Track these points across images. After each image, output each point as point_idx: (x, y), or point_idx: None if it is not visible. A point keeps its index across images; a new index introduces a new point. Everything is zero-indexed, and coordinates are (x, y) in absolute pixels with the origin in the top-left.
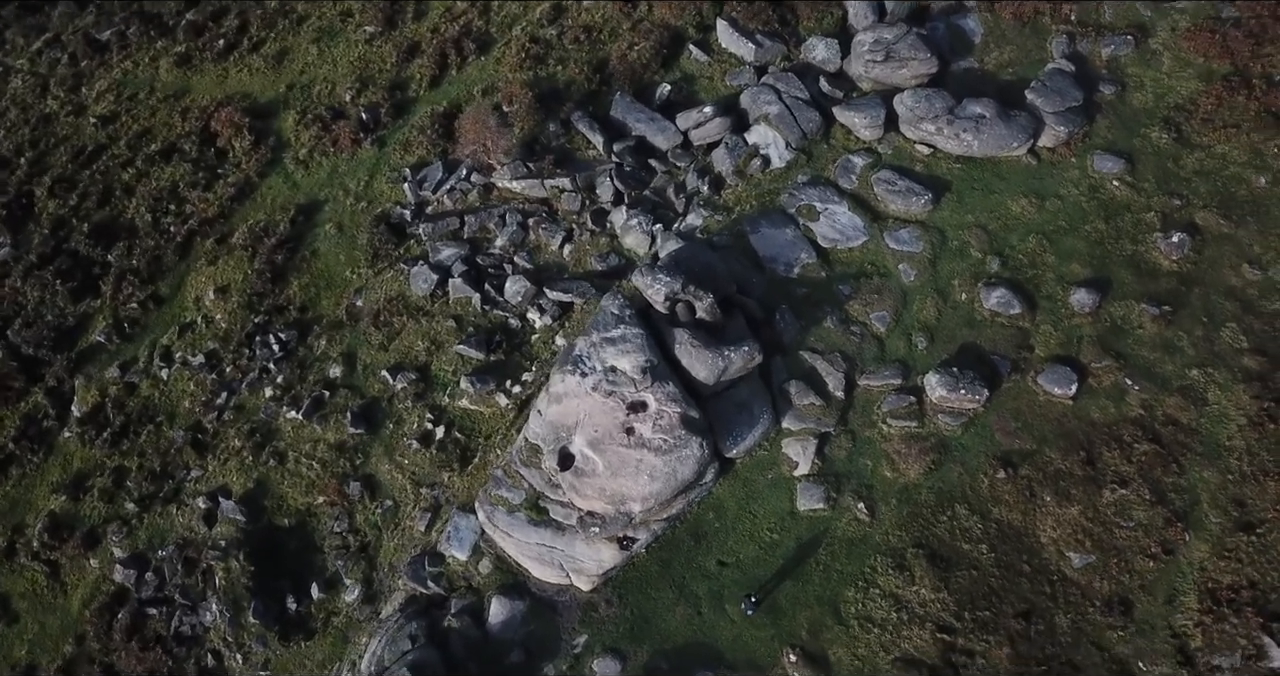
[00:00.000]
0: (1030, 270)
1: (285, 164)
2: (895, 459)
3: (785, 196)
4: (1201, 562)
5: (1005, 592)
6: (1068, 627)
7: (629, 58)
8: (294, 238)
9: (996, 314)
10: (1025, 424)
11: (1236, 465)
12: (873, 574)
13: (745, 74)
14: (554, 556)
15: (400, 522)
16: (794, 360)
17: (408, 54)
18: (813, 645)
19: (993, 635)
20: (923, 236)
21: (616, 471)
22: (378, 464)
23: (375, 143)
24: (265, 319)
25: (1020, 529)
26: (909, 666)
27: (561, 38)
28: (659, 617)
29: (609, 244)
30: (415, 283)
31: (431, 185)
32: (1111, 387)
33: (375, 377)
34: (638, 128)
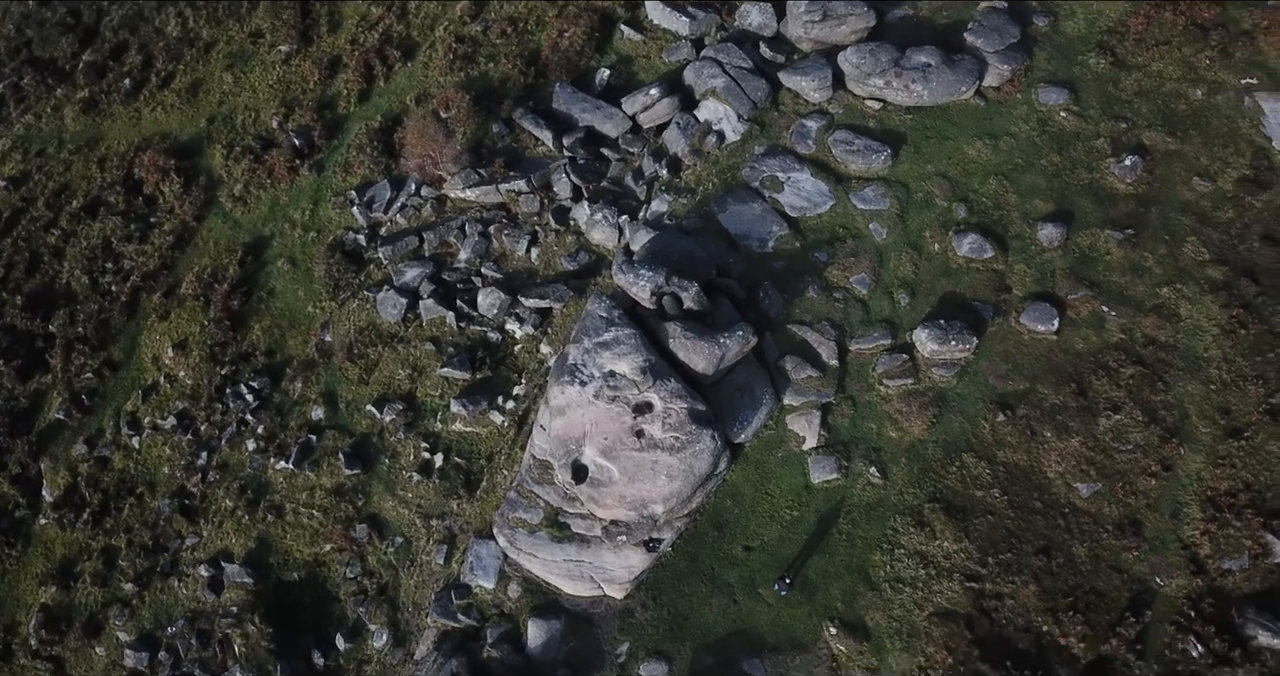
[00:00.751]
0: (996, 212)
1: (221, 203)
2: (897, 418)
3: (746, 170)
4: (1199, 473)
5: (1022, 532)
6: (1085, 556)
7: (561, 46)
8: (246, 279)
9: (971, 260)
10: (1015, 365)
11: (1217, 374)
12: (895, 535)
13: (682, 48)
14: (583, 570)
15: (416, 559)
16: (784, 335)
17: (330, 69)
18: (849, 614)
19: (1017, 575)
20: (887, 193)
21: (633, 476)
22: (380, 502)
23: (313, 168)
24: (232, 369)
25: (1027, 468)
26: (945, 619)
27: (487, 33)
28: (696, 612)
29: (576, 242)
30: (384, 309)
31: (381, 205)
32: (1090, 317)
33: (361, 414)
34: (584, 118)
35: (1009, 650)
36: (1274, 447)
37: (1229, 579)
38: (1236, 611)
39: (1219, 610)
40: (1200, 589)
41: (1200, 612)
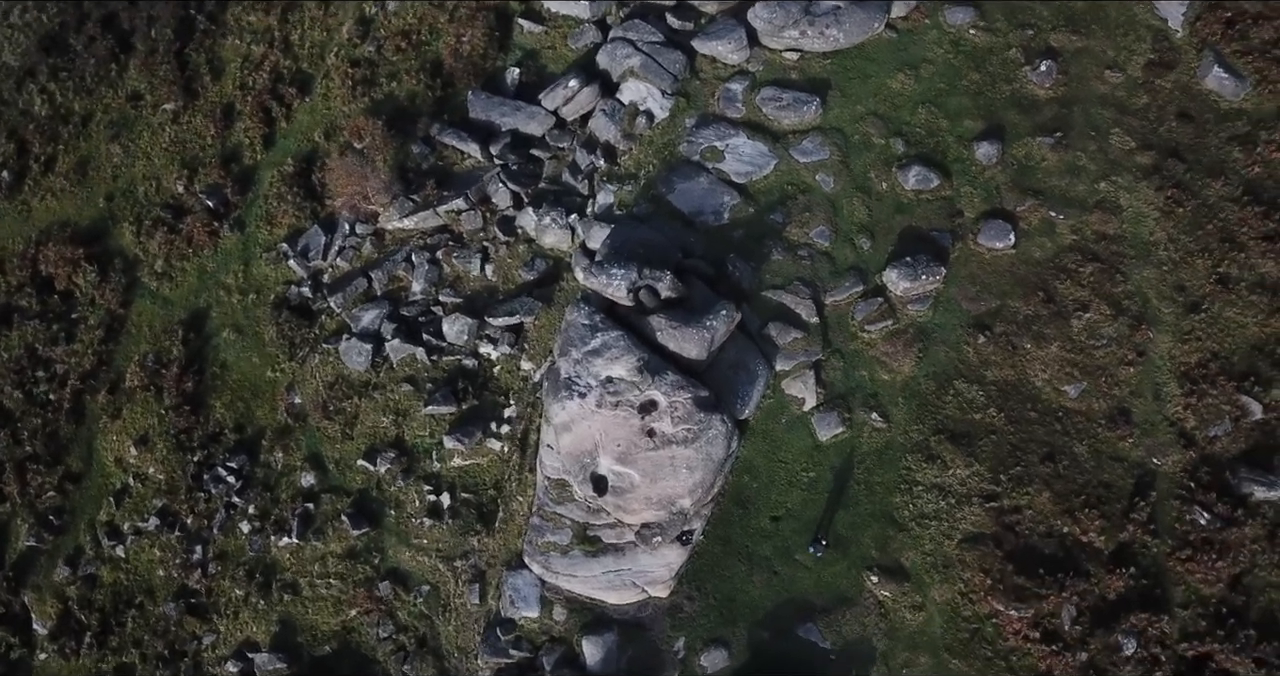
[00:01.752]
0: (931, 140)
1: (145, 283)
2: (886, 361)
3: (684, 145)
4: (1170, 352)
5: (1025, 444)
6: (1087, 453)
7: (462, 52)
8: (193, 358)
9: (919, 192)
10: (983, 285)
11: (1166, 255)
12: (910, 473)
13: (587, 33)
14: (623, 578)
15: (449, 603)
16: (760, 303)
17: (225, 120)
18: (885, 559)
19: (1030, 486)
20: (825, 141)
21: (654, 476)
22: (397, 555)
23: (234, 227)
24: (204, 454)
25: (1015, 382)
26: (974, 543)
27: (382, 51)
28: (741, 592)
29: (529, 250)
30: (349, 359)
31: (318, 252)
32: (1041, 224)
33: (353, 470)
34: (505, 122)
35: (1038, 557)
36: (1231, 314)
37: (1217, 445)
38: (1230, 474)
39: (1215, 476)
40: (1194, 460)
41: (1199, 482)
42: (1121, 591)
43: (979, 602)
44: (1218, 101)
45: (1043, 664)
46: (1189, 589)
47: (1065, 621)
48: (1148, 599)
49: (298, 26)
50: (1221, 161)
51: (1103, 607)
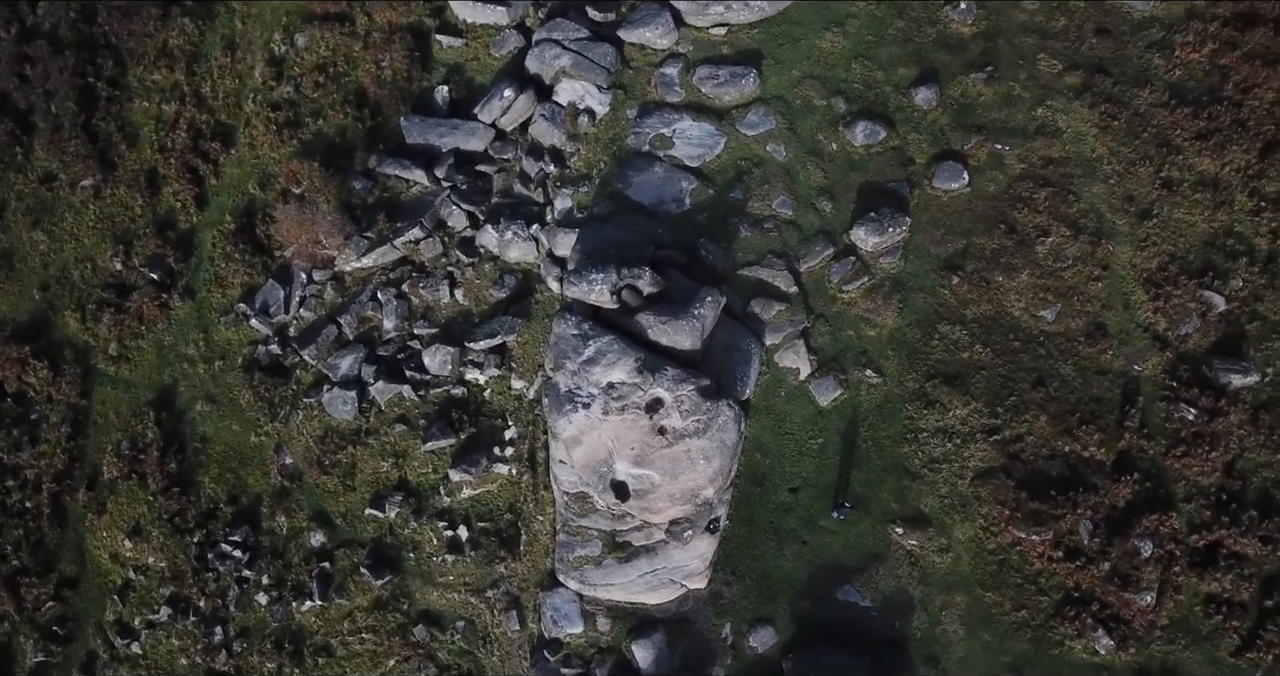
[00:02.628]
0: (870, 93)
1: (102, 370)
2: (869, 317)
3: (631, 138)
4: (1131, 261)
5: (1014, 373)
6: (1073, 372)
7: (384, 77)
8: (171, 437)
9: (869, 146)
10: (947, 227)
11: (1110, 169)
12: (913, 422)
13: (509, 38)
14: (660, 577)
15: (489, 635)
16: (739, 282)
17: (150, 187)
18: (905, 510)
19: (1027, 413)
20: (769, 112)
21: (674, 473)
22: (426, 596)
23: (184, 295)
24: (203, 533)
25: (994, 315)
26: (985, 478)
27: (300, 90)
28: (775, 568)
29: (496, 268)
30: (334, 409)
31: (278, 307)
32: (990, 159)
33: (362, 521)
34: (445, 142)
35: (1047, 480)
36: (1180, 215)
37: (1189, 342)
38: (1207, 367)
39: (1193, 372)
40: (1171, 360)
41: (1180, 380)
42: (1129, 497)
43: (1000, 534)
44: (1130, 12)
45: (1070, 580)
46: (1189, 483)
47: (1084, 536)
48: (1154, 500)
49: (206, 78)
50: (1144, 70)
51: (1115, 516)
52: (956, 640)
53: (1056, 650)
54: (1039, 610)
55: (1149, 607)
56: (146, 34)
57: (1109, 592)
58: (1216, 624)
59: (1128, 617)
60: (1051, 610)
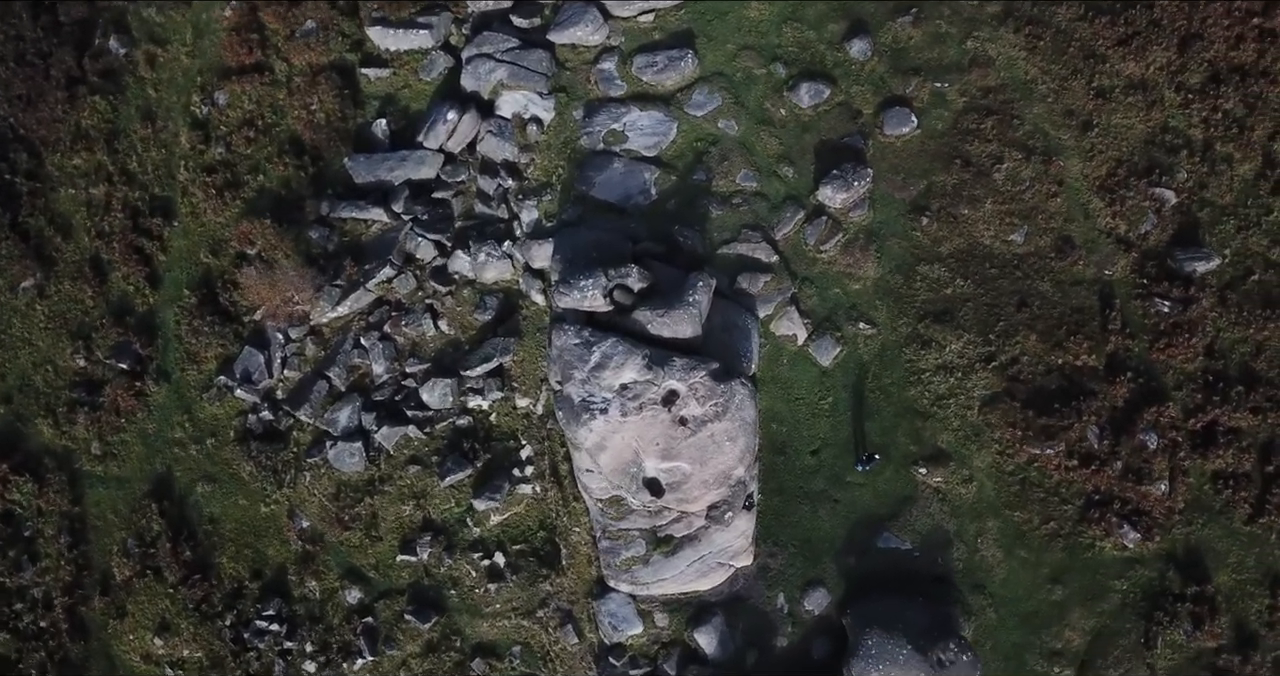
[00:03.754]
0: (806, 54)
1: (89, 472)
2: (850, 271)
3: (584, 138)
4: (1082, 172)
5: (997, 299)
6: (1051, 288)
7: (317, 121)
8: (178, 525)
9: (816, 106)
10: (906, 171)
11: (1045, 88)
12: (913, 364)
13: (437, 60)
14: (708, 562)
15: (548, 653)
16: (721, 261)
17: (97, 275)
18: (924, 450)
19: (1017, 335)
20: (712, 89)
21: (703, 460)
22: (476, 630)
23: (158, 379)
24: (234, 615)
25: (968, 248)
26: (991, 405)
27: (232, 149)
28: (814, 531)
29: (475, 292)
30: (342, 463)
31: (260, 372)
32: (932, 98)
33: (395, 568)
34: (395, 176)
35: (1049, 395)
36: (1118, 120)
37: (1150, 239)
38: (1170, 260)
39: (1160, 267)
40: (1137, 259)
41: (1149, 276)
42: (1126, 396)
43: (1016, 454)
44: None
45: (1089, 485)
46: (1176, 372)
47: (1093, 441)
48: (1148, 394)
49: (130, 153)
50: None
51: (1117, 416)
52: (996, 563)
53: (1089, 553)
54: (1065, 519)
55: (1164, 495)
56: (56, 119)
57: (1126, 489)
58: (1227, 498)
59: (1147, 509)
60: (1077, 516)
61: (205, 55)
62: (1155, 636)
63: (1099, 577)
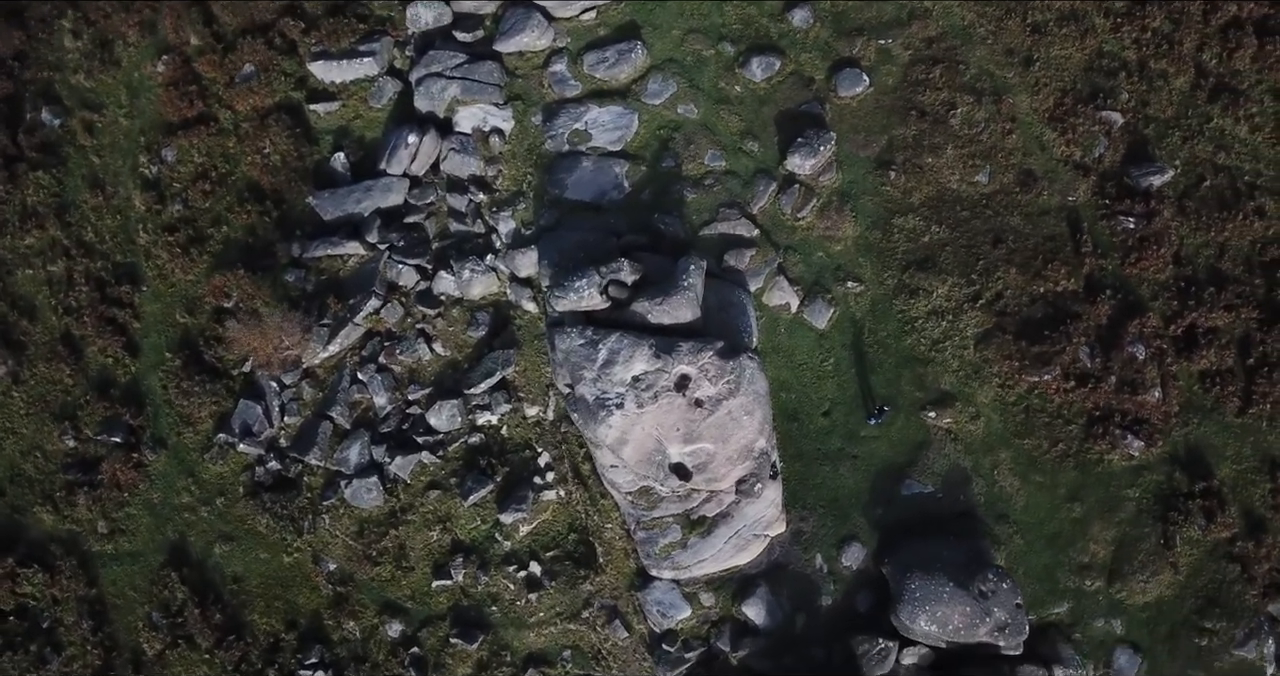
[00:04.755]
0: (750, 29)
1: (100, 552)
2: (830, 234)
3: (548, 142)
4: (1031, 107)
5: (973, 239)
6: (1021, 221)
7: (272, 164)
8: (201, 590)
9: (770, 79)
10: (866, 130)
11: (982, 31)
12: (905, 314)
13: (385, 86)
14: (743, 536)
15: (600, 652)
16: (704, 242)
17: (72, 352)
18: (930, 394)
19: (997, 271)
20: (665, 76)
21: (725, 438)
22: (523, 641)
23: (155, 448)
24: (276, 669)
25: (937, 194)
26: (986, 341)
27: (189, 205)
28: (838, 489)
29: (464, 310)
30: (360, 500)
31: (260, 423)
32: (878, 55)
33: (432, 595)
34: (364, 207)
35: (1037, 323)
36: (1055, 52)
37: (1105, 161)
38: (1127, 178)
39: (1118, 186)
40: (1096, 182)
41: (1110, 197)
42: (1109, 314)
43: (1016, 385)
44: None
45: (1088, 403)
46: (1150, 283)
47: (1085, 361)
48: (1129, 308)
49: (84, 224)
50: None
51: (1104, 334)
52: (1015, 491)
53: (1099, 467)
54: (1072, 439)
55: (1159, 402)
56: (0, 201)
57: (1123, 401)
58: (1216, 395)
59: (1145, 417)
60: (1082, 435)
61: (144, 114)
62: (1173, 535)
63: (1112, 489)
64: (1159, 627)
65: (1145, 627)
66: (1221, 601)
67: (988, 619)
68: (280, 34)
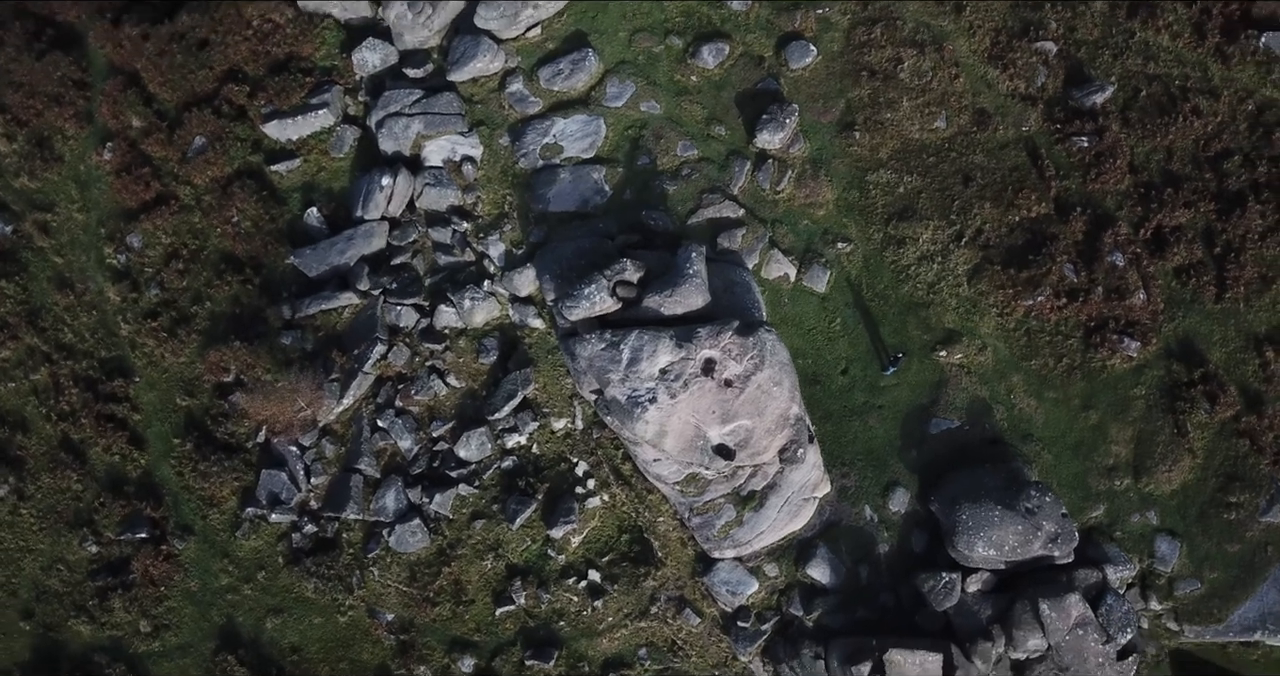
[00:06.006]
0: (693, 20)
1: (146, 651)
2: (812, 201)
3: (521, 161)
4: (970, 48)
5: (944, 181)
6: (985, 158)
7: (244, 230)
8: (260, 665)
9: (722, 64)
10: (823, 97)
11: None
12: (896, 263)
13: (344, 135)
14: (794, 503)
15: (674, 643)
16: (695, 229)
17: (75, 458)
18: (937, 334)
19: (973, 208)
20: (621, 78)
21: (760, 411)
22: (596, 649)
23: (182, 536)
24: None
25: (903, 146)
26: (977, 275)
27: (165, 287)
28: (872, 440)
29: (471, 339)
30: (406, 546)
31: (287, 491)
32: (819, 24)
33: (498, 622)
34: (348, 257)
35: (1021, 249)
36: None
37: (1048, 88)
38: (1071, 100)
39: (1065, 108)
40: (1044, 109)
41: (1060, 120)
42: (1083, 229)
43: (1013, 311)
44: None
45: (1082, 316)
46: (1113, 195)
47: (1071, 276)
48: (1099, 221)
49: (59, 327)
50: None
51: (1083, 249)
52: (1033, 410)
53: (1104, 374)
54: (1074, 352)
55: (1145, 303)
56: None
57: (1113, 308)
58: (1193, 287)
59: (1135, 319)
60: (1082, 346)
61: (99, 205)
62: (1184, 423)
63: (1120, 392)
64: (1189, 511)
65: (1177, 513)
66: (1240, 475)
67: (1039, 533)
68: (226, 101)
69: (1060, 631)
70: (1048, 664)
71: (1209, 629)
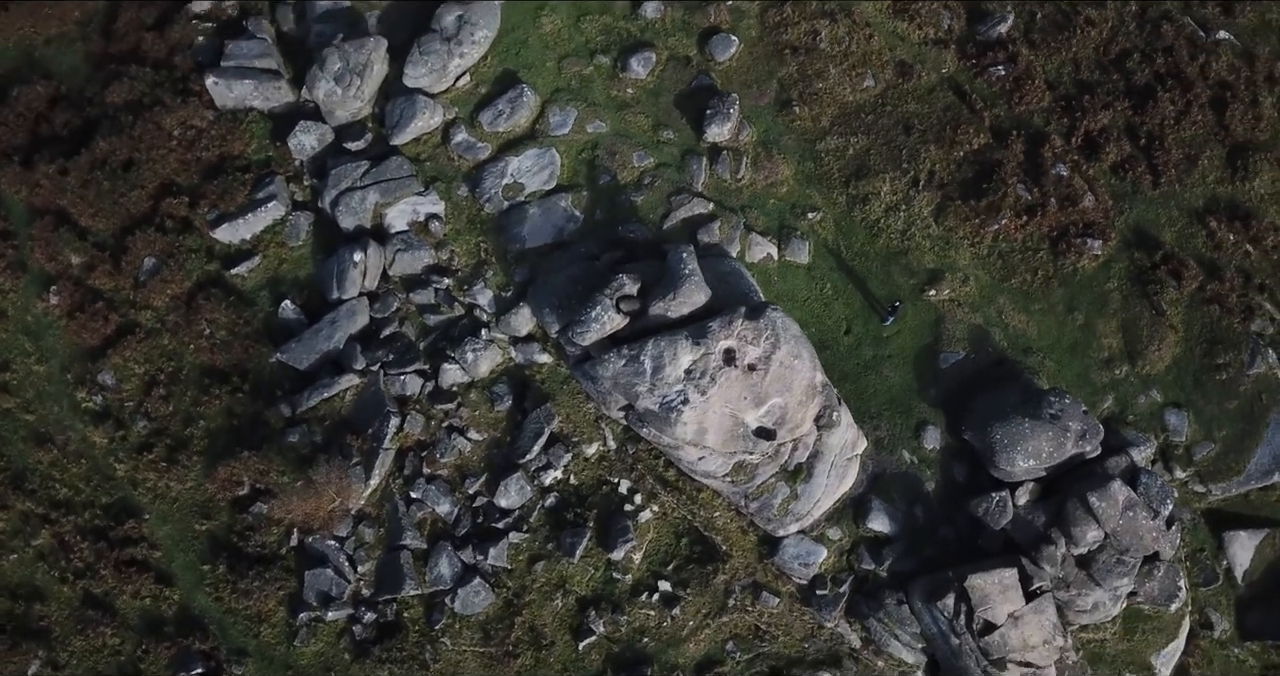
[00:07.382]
0: (612, 37)
1: None
2: (772, 180)
3: (486, 206)
4: (877, 9)
5: (889, 135)
6: (918, 106)
7: (219, 340)
8: None
9: (652, 71)
10: (756, 82)
11: None
12: (867, 219)
13: (299, 221)
14: (838, 465)
15: (758, 628)
16: (673, 232)
17: (105, 612)
18: (921, 277)
19: (920, 154)
20: (560, 106)
21: (789, 387)
22: (686, 656)
23: (238, 660)
24: None
25: (841, 111)
26: (941, 213)
27: (151, 417)
28: (891, 388)
29: (482, 389)
30: (472, 608)
31: (336, 586)
32: (733, 15)
33: (583, 656)
34: (335, 341)
35: (975, 180)
36: None
37: (956, 29)
38: (979, 34)
39: (975, 44)
40: (958, 49)
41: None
42: (1023, 150)
43: (983, 239)
44: None
45: (1044, 228)
46: (1039, 113)
47: (1025, 195)
48: (1034, 139)
49: (48, 484)
50: None
51: (1028, 167)
52: (1025, 325)
53: (1077, 277)
54: (1045, 263)
55: (1095, 204)
56: None
57: (1069, 215)
58: (1131, 179)
59: (1091, 220)
60: (1051, 256)
61: (58, 352)
62: (1159, 303)
63: (1095, 289)
64: (1185, 381)
65: (1176, 386)
66: (1220, 338)
67: (1068, 434)
68: (167, 216)
69: (1113, 518)
70: (1108, 551)
71: (1232, 482)
